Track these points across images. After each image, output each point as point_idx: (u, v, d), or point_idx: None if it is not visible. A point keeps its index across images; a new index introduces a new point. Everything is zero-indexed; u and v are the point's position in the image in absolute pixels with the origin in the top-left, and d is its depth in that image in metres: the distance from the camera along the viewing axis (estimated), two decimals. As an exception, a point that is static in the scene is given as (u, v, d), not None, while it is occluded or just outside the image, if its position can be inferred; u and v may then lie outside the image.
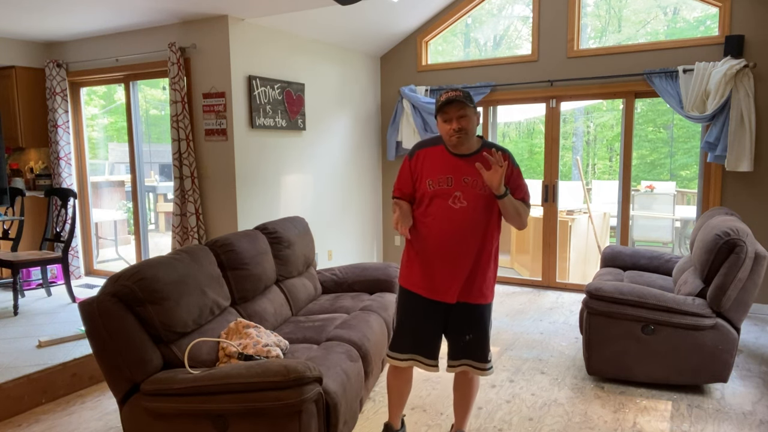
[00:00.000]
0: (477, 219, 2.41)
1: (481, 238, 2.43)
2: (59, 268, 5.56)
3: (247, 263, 3.18)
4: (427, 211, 2.45)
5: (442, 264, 2.43)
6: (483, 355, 2.52)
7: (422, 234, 2.48)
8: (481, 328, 2.51)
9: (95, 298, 2.34)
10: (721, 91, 4.61)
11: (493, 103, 5.88)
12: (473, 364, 2.52)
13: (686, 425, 2.97)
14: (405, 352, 2.53)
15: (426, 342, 2.52)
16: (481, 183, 2.41)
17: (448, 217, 2.41)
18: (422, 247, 2.48)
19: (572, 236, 6.07)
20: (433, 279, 2.46)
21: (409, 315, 2.54)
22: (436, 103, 2.43)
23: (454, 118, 2.37)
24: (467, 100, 2.38)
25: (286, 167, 5.23)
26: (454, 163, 2.44)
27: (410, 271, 2.53)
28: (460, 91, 2.40)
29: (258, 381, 2.18)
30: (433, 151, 2.49)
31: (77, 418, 3.10)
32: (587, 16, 6.40)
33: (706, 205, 5.05)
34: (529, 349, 4.08)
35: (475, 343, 2.51)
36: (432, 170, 2.45)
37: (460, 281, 2.44)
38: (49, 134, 5.74)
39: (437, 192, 2.42)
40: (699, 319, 3.23)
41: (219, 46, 4.65)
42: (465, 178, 2.42)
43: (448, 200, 2.41)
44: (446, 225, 2.41)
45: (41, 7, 4.43)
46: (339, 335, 3.03)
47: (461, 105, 2.36)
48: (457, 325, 2.51)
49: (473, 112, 2.41)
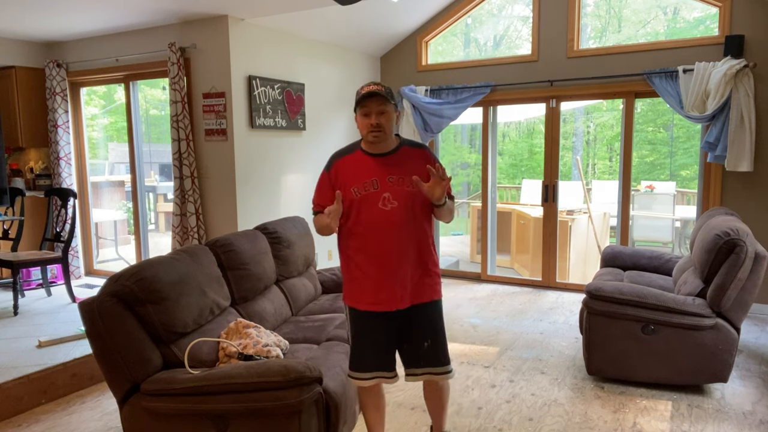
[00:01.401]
0: (410, 216, 2.30)
1: (418, 235, 2.33)
2: (59, 268, 5.56)
3: (247, 263, 3.18)
4: (358, 220, 2.31)
5: (386, 271, 2.30)
6: (443, 359, 2.41)
7: (357, 245, 2.33)
8: (438, 330, 2.40)
9: (95, 298, 2.34)
10: (721, 91, 4.61)
11: (493, 103, 5.88)
12: (434, 371, 2.40)
13: (686, 425, 2.97)
14: (368, 371, 2.39)
15: (384, 357, 2.40)
16: (408, 179, 2.29)
17: (381, 221, 2.28)
18: (361, 259, 2.33)
19: (572, 236, 6.07)
20: (379, 290, 2.31)
21: (364, 333, 2.40)
22: (356, 96, 2.31)
23: (374, 113, 2.27)
24: (388, 96, 2.28)
25: (286, 167, 5.23)
26: (374, 164, 2.33)
27: (353, 287, 2.39)
28: (381, 86, 2.29)
29: (258, 381, 2.18)
30: (351, 158, 2.38)
31: (77, 418, 3.10)
32: (587, 16, 6.40)
33: (706, 205, 5.05)
34: (529, 349, 4.08)
35: (433, 348, 2.39)
36: (354, 177, 2.32)
37: (407, 284, 2.32)
38: (49, 134, 5.74)
39: (364, 197, 2.29)
40: (699, 319, 3.23)
41: (219, 46, 4.65)
42: (389, 177, 2.30)
43: (378, 203, 2.29)
44: (381, 229, 2.28)
45: (41, 7, 4.43)
46: (339, 335, 3.03)
47: (382, 100, 2.26)
48: (412, 332, 2.38)
49: (394, 110, 2.32)
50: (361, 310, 2.38)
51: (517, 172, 11.68)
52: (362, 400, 2.51)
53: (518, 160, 11.99)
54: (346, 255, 2.40)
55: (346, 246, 2.39)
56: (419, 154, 2.40)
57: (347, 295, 2.43)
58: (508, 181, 11.20)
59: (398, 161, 2.35)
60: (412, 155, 2.39)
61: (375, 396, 2.51)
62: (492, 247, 6.18)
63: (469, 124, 9.94)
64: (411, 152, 2.39)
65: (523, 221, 6.75)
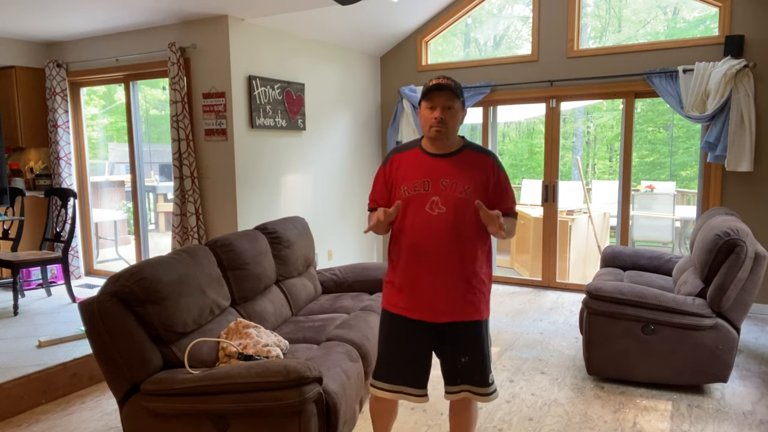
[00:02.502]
0: (458, 226, 2.14)
1: (466, 247, 2.16)
2: (59, 268, 5.56)
3: (247, 263, 3.18)
4: (403, 222, 2.19)
5: (424, 279, 2.17)
6: (483, 379, 2.24)
7: (400, 247, 2.22)
8: (478, 349, 2.22)
9: (95, 298, 2.34)
10: (721, 91, 4.61)
11: (493, 103, 5.88)
12: (473, 389, 2.24)
13: (686, 425, 2.97)
14: (391, 382, 2.25)
15: (413, 370, 2.25)
16: (462, 185, 2.15)
17: (425, 226, 2.15)
18: (401, 262, 2.22)
19: (572, 236, 6.07)
20: (414, 296, 2.19)
21: (392, 340, 2.27)
22: (424, 88, 2.18)
23: (439, 107, 2.14)
24: (458, 92, 2.16)
25: (286, 167, 5.23)
26: (430, 164, 2.19)
27: (391, 291, 2.28)
28: (452, 80, 2.16)
29: (258, 381, 2.18)
30: (409, 155, 2.25)
31: (77, 418, 3.10)
32: (587, 16, 6.40)
33: (706, 205, 5.05)
34: (529, 349, 4.08)
35: (472, 365, 2.22)
36: (407, 175, 2.20)
37: (444, 297, 2.17)
38: (49, 134, 5.74)
39: (412, 198, 2.17)
40: (699, 319, 3.23)
41: (219, 46, 4.65)
42: (443, 180, 2.16)
43: (425, 206, 2.15)
44: (424, 234, 2.15)
45: (41, 7, 4.43)
46: (339, 335, 3.03)
47: (451, 95, 2.14)
48: (449, 348, 2.23)
49: (461, 107, 2.19)
50: (393, 314, 2.26)
51: (517, 172, 11.68)
52: (373, 407, 2.39)
53: (518, 160, 11.99)
54: (390, 255, 2.31)
55: (391, 246, 2.30)
56: (481, 160, 2.21)
57: (384, 296, 2.33)
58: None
59: (456, 164, 2.19)
60: (473, 161, 2.21)
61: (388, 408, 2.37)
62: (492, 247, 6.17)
63: (469, 124, 9.92)
64: (473, 157, 2.21)
65: (523, 221, 6.75)
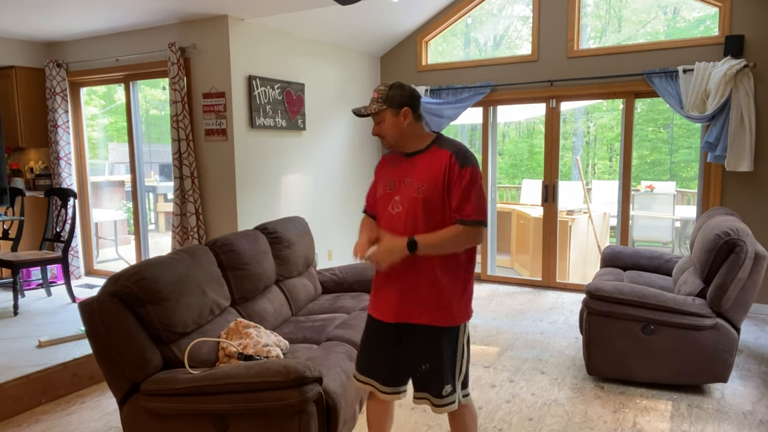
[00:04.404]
0: (411, 226, 2.08)
1: None
2: (59, 268, 5.56)
3: (247, 263, 3.18)
4: (380, 222, 2.22)
5: (384, 279, 2.18)
6: (438, 388, 2.15)
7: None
8: (437, 357, 2.14)
9: (95, 298, 2.34)
10: (721, 91, 4.61)
11: (493, 103, 5.88)
12: (429, 398, 2.18)
13: (686, 425, 2.97)
14: (362, 373, 2.28)
15: (377, 365, 2.24)
16: (417, 183, 2.10)
17: (387, 225, 2.15)
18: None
19: (572, 236, 6.07)
20: (377, 296, 2.22)
21: (365, 334, 2.31)
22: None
23: (374, 124, 2.18)
24: (380, 102, 2.12)
25: (286, 167, 5.23)
26: (402, 163, 2.19)
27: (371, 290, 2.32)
28: (377, 91, 2.15)
29: (258, 381, 2.18)
30: (393, 156, 2.26)
31: (77, 418, 3.10)
32: (587, 16, 6.40)
33: (706, 205, 5.05)
34: (529, 349, 4.08)
35: (431, 374, 2.15)
36: (385, 175, 2.24)
37: (397, 299, 2.13)
38: (49, 134, 5.74)
39: (382, 197, 2.20)
40: (699, 319, 3.23)
41: (219, 46, 4.65)
42: (406, 179, 2.14)
43: (389, 206, 2.16)
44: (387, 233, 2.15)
45: (41, 7, 4.43)
46: (339, 335, 3.03)
47: (374, 113, 2.14)
48: (410, 353, 2.20)
49: (393, 113, 2.12)
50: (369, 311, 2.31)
51: (517, 172, 11.69)
52: (369, 411, 2.38)
53: (518, 160, 11.99)
54: None
55: None
56: (440, 156, 2.12)
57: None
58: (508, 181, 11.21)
59: (418, 162, 2.15)
60: (434, 157, 2.13)
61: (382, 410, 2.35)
62: (492, 247, 6.19)
63: (469, 124, 9.93)
64: (435, 153, 2.14)
65: (523, 221, 6.75)
